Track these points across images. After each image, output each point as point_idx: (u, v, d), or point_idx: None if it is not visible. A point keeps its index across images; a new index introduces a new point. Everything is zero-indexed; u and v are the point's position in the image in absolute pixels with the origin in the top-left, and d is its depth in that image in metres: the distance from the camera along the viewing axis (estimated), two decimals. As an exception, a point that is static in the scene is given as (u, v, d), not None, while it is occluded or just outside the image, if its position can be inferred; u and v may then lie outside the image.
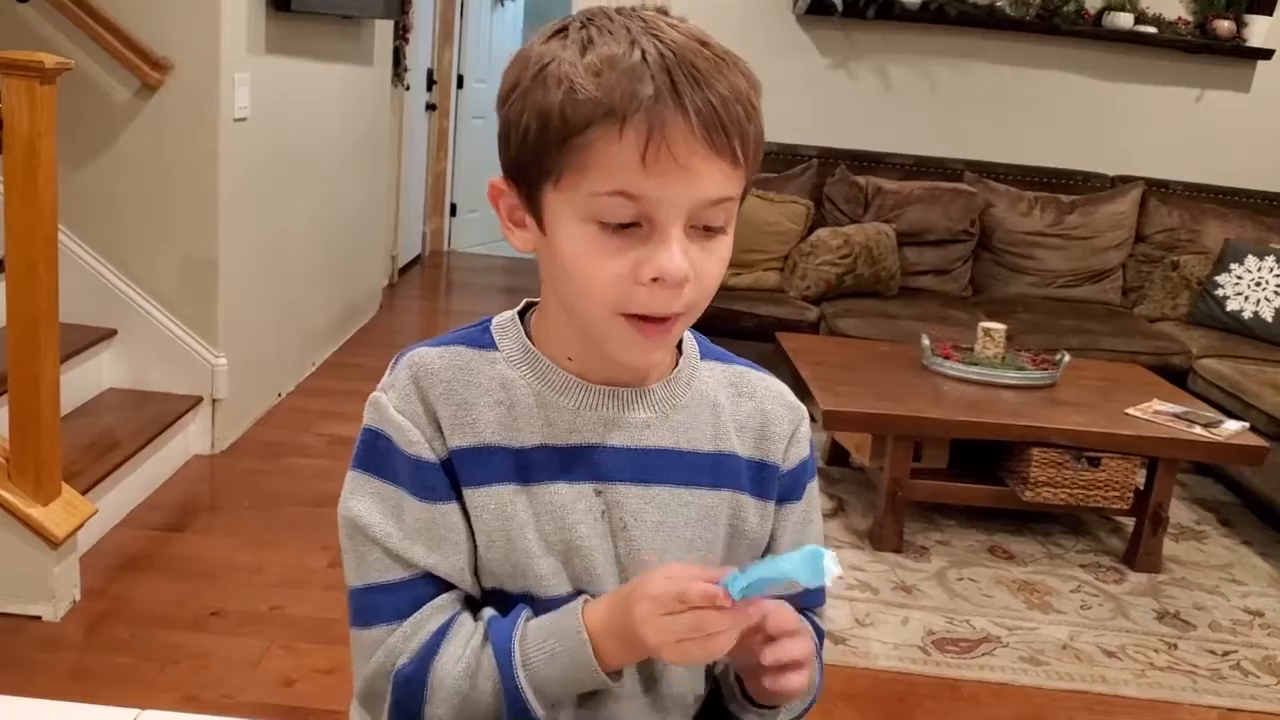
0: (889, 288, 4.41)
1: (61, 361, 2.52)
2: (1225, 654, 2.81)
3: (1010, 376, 3.37)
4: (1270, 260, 4.32)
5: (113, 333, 3.31)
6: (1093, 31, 4.78)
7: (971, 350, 3.48)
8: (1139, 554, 3.24)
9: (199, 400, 3.39)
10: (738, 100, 0.82)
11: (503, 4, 7.31)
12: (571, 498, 0.92)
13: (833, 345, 3.82)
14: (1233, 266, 4.38)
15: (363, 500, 0.92)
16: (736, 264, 3.83)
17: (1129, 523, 3.36)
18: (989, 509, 3.40)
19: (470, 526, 0.91)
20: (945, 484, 3.28)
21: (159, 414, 3.22)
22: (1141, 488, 3.23)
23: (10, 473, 2.42)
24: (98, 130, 3.21)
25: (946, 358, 3.43)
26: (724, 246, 0.87)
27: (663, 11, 0.87)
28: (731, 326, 3.83)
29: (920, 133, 4.89)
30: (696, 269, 0.84)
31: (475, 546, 0.92)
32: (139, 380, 3.35)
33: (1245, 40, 4.80)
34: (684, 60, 0.81)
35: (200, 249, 3.33)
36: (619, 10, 0.86)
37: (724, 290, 1.07)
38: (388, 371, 0.95)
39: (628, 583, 0.89)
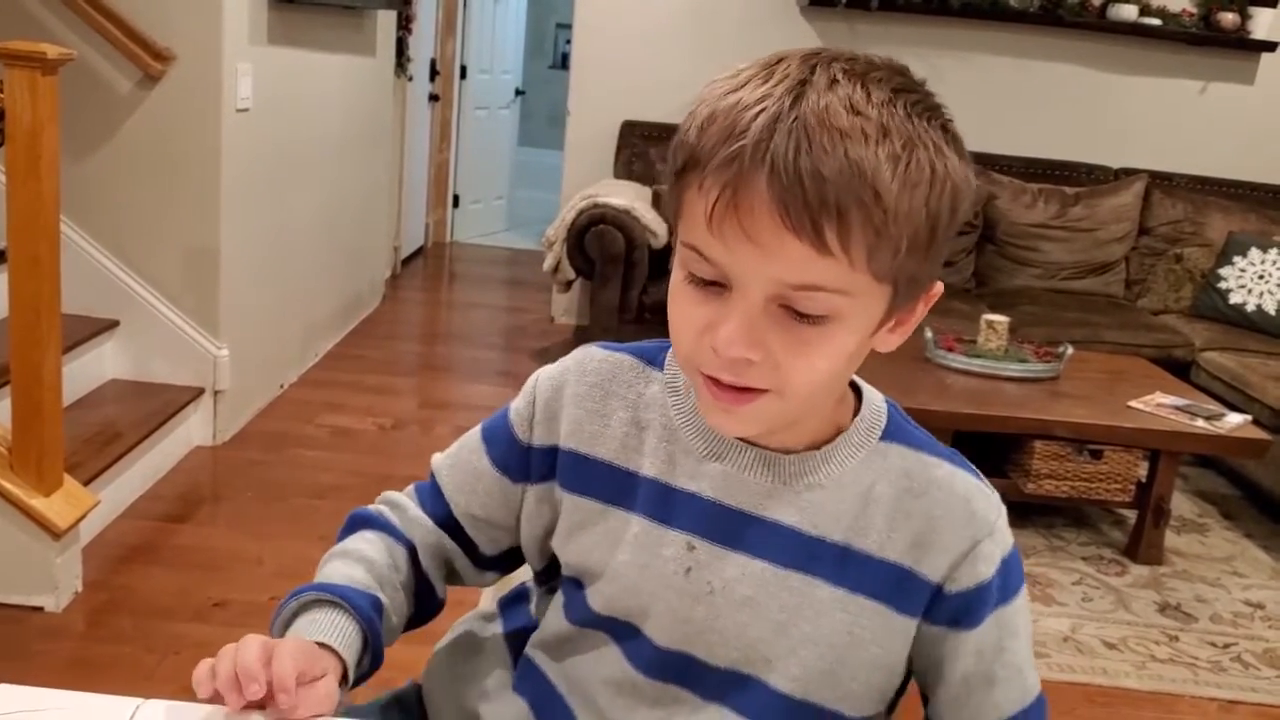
0: (892, 280, 4.40)
1: (63, 352, 2.53)
2: (1226, 646, 2.81)
3: (1013, 369, 3.37)
4: (1274, 253, 4.31)
5: (115, 323, 3.31)
6: (1097, 23, 4.77)
7: (974, 343, 3.48)
8: (1141, 546, 3.24)
9: (201, 391, 3.39)
10: (850, 179, 0.70)
11: (505, -5, 7.29)
12: (659, 541, 0.89)
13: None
14: (1236, 259, 4.37)
15: (474, 434, 1.01)
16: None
17: (1131, 515, 3.36)
18: (991, 501, 3.39)
19: (557, 520, 0.96)
20: (947, 476, 3.27)
21: (161, 405, 3.22)
22: (1143, 480, 3.23)
23: (12, 464, 2.42)
24: (100, 121, 3.20)
25: (950, 350, 3.43)
26: (825, 339, 0.76)
27: (889, 69, 0.78)
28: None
29: (923, 124, 4.88)
30: (777, 356, 0.76)
31: (540, 533, 0.98)
32: (141, 371, 3.36)
33: (1250, 32, 4.78)
34: (803, 124, 0.71)
35: (202, 240, 3.33)
36: (836, 57, 0.76)
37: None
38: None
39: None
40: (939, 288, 0.83)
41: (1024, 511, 3.44)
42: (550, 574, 1.01)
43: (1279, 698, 2.60)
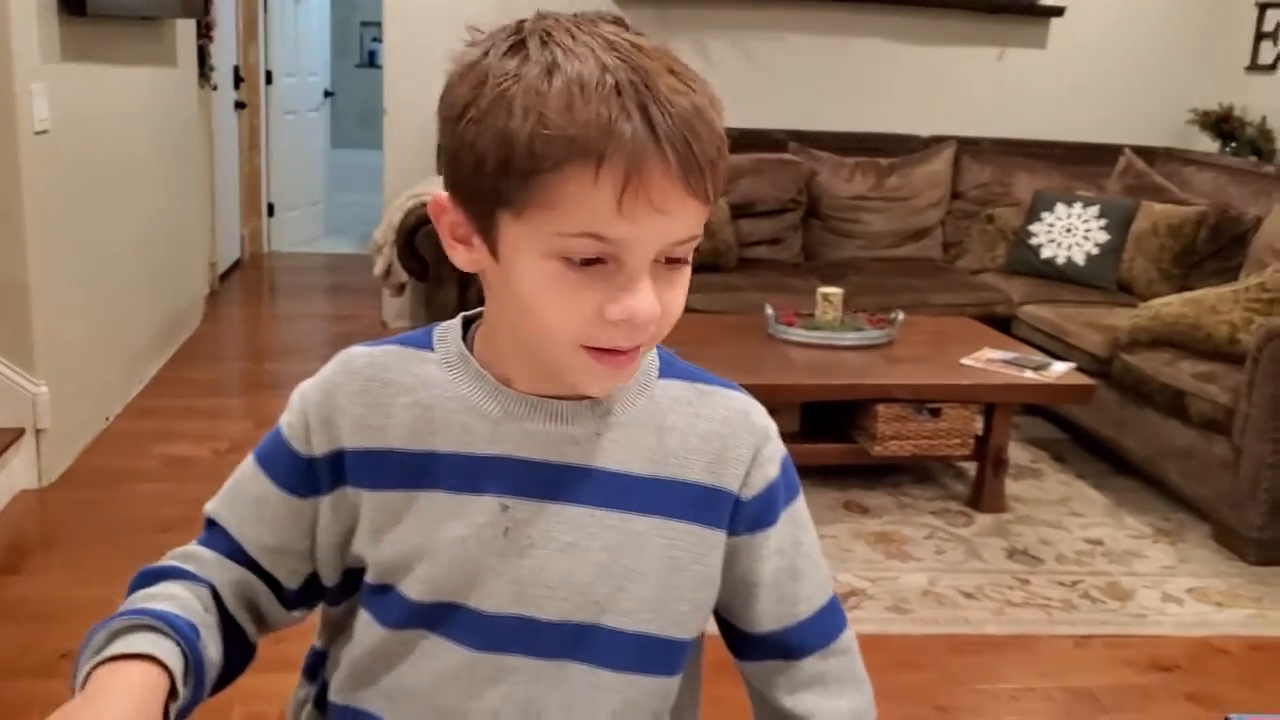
0: (727, 260, 4.47)
1: None
2: (1074, 584, 2.96)
3: (851, 338, 3.46)
4: (1078, 207, 4.55)
5: (-83, 368, 3.08)
6: (896, -3, 4.94)
7: (812, 316, 3.56)
8: (983, 496, 3.39)
9: (21, 432, 3.18)
10: (712, 136, 0.78)
11: (305, -5, 7.08)
12: (472, 510, 0.89)
13: (682, 321, 3.78)
14: (1043, 215, 4.59)
15: (248, 464, 0.97)
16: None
17: (971, 467, 3.51)
18: (841, 466, 3.49)
19: (356, 523, 0.92)
20: (798, 445, 3.33)
21: (-22, 450, 3.02)
22: (980, 433, 3.37)
23: None
24: (-119, 152, 2.97)
25: (790, 325, 3.50)
26: (685, 275, 0.85)
27: (619, 23, 0.81)
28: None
29: (742, 105, 4.91)
30: (661, 302, 0.82)
31: (337, 540, 0.94)
32: (-48, 417, 3.14)
33: (1038, -1, 5.03)
34: (655, 88, 0.76)
35: (9, 272, 3.12)
36: (574, 19, 0.81)
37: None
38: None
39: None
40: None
41: (872, 473, 3.56)
42: (344, 590, 0.97)
43: (1127, 628, 2.75)
